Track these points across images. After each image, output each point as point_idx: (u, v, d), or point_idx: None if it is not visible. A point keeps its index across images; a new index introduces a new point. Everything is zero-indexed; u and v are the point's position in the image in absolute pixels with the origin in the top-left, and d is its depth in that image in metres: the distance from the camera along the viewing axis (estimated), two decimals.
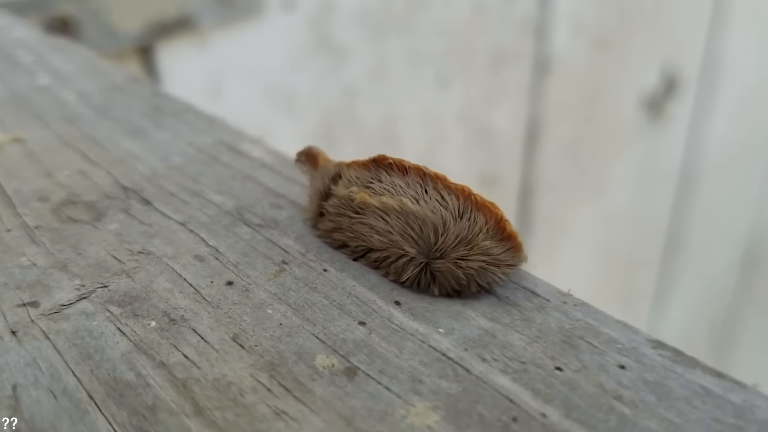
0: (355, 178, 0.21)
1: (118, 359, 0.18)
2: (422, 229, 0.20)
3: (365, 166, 0.21)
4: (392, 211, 0.20)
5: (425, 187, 0.20)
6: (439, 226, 0.20)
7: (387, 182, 0.21)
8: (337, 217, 0.22)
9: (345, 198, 0.21)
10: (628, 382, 0.17)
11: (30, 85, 0.34)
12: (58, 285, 0.20)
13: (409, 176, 0.20)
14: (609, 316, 0.19)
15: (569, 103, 1.08)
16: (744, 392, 0.17)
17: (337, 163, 0.22)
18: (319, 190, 0.22)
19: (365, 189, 0.21)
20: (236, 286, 0.20)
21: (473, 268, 0.19)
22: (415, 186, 0.20)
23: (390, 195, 0.20)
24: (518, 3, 0.96)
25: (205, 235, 0.23)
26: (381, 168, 0.21)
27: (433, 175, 0.20)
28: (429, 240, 0.20)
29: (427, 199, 0.20)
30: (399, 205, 0.20)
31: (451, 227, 0.20)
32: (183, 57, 0.68)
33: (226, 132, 0.29)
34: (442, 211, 0.20)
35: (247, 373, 0.17)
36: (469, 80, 0.95)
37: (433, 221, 0.20)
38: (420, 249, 0.20)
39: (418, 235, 0.20)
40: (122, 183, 0.26)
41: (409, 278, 0.20)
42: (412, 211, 0.20)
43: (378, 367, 0.17)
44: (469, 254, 0.19)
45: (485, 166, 1.03)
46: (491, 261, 0.20)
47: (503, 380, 0.17)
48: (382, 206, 0.20)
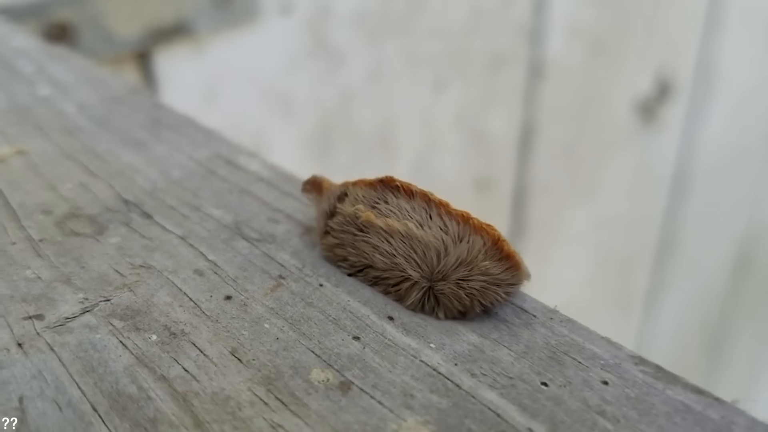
0: (361, 196, 0.22)
1: (120, 372, 0.18)
2: (425, 254, 0.20)
3: (372, 185, 0.22)
4: (397, 234, 0.21)
5: (430, 212, 0.21)
6: (441, 250, 0.20)
7: (393, 204, 0.21)
8: (341, 234, 0.22)
9: (350, 215, 0.22)
10: (610, 398, 0.17)
11: (31, 95, 0.35)
12: (62, 298, 0.21)
13: (415, 200, 0.21)
14: (594, 332, 0.20)
15: (564, 107, 1.09)
16: (723, 409, 0.17)
17: (343, 183, 0.23)
18: (325, 210, 0.23)
19: (371, 208, 0.22)
20: (235, 300, 0.21)
21: (475, 288, 0.20)
22: (420, 211, 0.21)
23: (396, 217, 0.21)
24: (514, 7, 0.96)
25: (204, 249, 0.23)
26: (388, 189, 0.22)
27: (437, 202, 0.21)
28: (432, 263, 0.20)
29: (431, 225, 0.21)
30: (404, 229, 0.21)
31: (451, 251, 0.20)
32: (181, 62, 0.68)
33: (223, 145, 0.30)
34: (443, 237, 0.20)
35: (245, 386, 0.18)
36: (465, 83, 0.96)
37: (436, 246, 0.20)
38: (423, 273, 0.21)
39: (422, 259, 0.21)
40: (123, 196, 0.26)
41: (413, 302, 0.21)
42: (417, 236, 0.20)
43: (371, 382, 0.18)
44: (470, 275, 0.20)
45: (480, 168, 1.03)
46: (492, 281, 0.20)
47: (491, 395, 0.18)
48: (388, 228, 0.21)
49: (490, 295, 0.20)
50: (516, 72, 1.01)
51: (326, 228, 0.23)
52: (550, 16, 1.00)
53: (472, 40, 0.93)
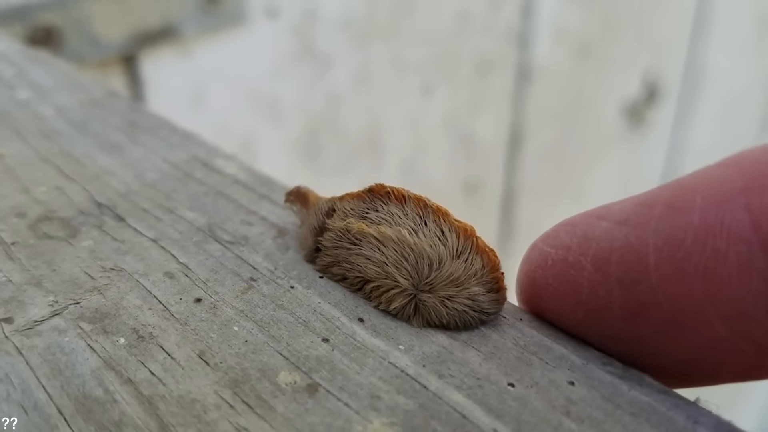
0: (350, 210, 0.21)
1: (87, 375, 0.18)
2: (417, 263, 0.20)
3: (360, 197, 0.21)
4: (389, 242, 0.20)
5: (425, 219, 0.20)
6: (435, 261, 0.20)
7: (384, 212, 0.21)
8: (335, 251, 0.22)
9: (342, 230, 0.21)
10: (576, 398, 0.18)
11: (10, 99, 0.35)
12: (32, 301, 0.21)
13: (408, 206, 0.20)
14: (561, 332, 0.20)
15: (552, 111, 1.09)
16: (688, 409, 0.17)
17: (329, 198, 0.22)
18: (314, 226, 0.22)
19: (362, 220, 0.21)
20: (204, 303, 0.21)
21: (457, 309, 0.20)
22: (414, 216, 0.20)
23: (388, 224, 0.20)
24: (502, 12, 0.97)
25: (176, 252, 0.23)
26: (377, 197, 0.21)
27: (435, 208, 0.20)
28: (423, 273, 0.20)
29: (426, 232, 0.20)
30: (397, 235, 0.20)
31: (446, 265, 0.20)
32: (167, 65, 0.68)
33: (200, 148, 0.30)
34: (440, 248, 0.20)
35: (211, 389, 0.18)
36: (452, 87, 0.96)
37: (430, 256, 0.20)
38: (412, 281, 0.20)
39: (413, 268, 0.20)
40: (97, 199, 0.26)
41: (397, 308, 0.20)
42: (410, 243, 0.20)
43: (339, 384, 0.18)
44: (456, 295, 0.20)
45: (468, 172, 1.04)
46: (475, 307, 0.20)
47: (457, 396, 0.18)
48: (380, 236, 0.20)
49: (468, 320, 0.20)
50: (504, 75, 1.02)
51: (317, 245, 0.22)
52: (537, 20, 1.01)
53: (459, 44, 0.94)
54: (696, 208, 0.16)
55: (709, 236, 0.15)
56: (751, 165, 0.16)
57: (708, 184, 0.16)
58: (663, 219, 0.16)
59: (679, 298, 0.16)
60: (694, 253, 0.15)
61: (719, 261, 0.15)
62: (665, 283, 0.16)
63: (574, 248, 0.18)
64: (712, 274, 0.15)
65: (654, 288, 0.16)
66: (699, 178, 0.16)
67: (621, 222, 0.17)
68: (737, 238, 0.15)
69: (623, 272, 0.17)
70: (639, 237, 0.16)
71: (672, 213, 0.16)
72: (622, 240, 0.17)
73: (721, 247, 0.15)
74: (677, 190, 0.16)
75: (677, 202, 0.16)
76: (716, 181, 0.16)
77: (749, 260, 0.15)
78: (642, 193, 0.17)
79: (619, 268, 0.17)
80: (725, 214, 0.15)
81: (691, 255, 0.16)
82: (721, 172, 0.16)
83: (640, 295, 0.17)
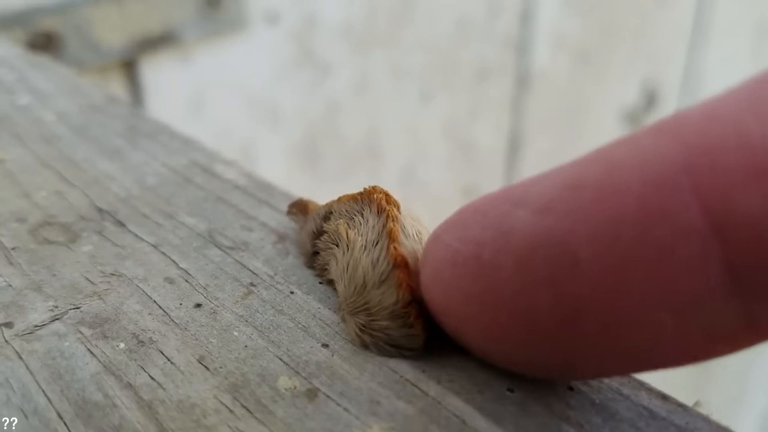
0: (344, 211, 0.21)
1: (87, 380, 0.18)
2: (351, 280, 0.19)
3: (354, 198, 0.21)
4: (351, 248, 0.20)
5: (380, 237, 0.19)
6: (359, 285, 0.19)
7: (365, 217, 0.20)
8: (325, 252, 0.22)
9: (333, 232, 0.21)
10: (575, 404, 0.18)
11: (10, 104, 0.35)
12: (32, 306, 0.21)
13: (380, 219, 0.20)
14: None
15: (550, 117, 1.09)
16: (687, 415, 0.17)
17: (327, 203, 0.22)
18: (312, 230, 0.22)
19: (350, 221, 0.21)
20: (204, 308, 0.21)
21: (372, 338, 0.19)
22: (378, 231, 0.20)
23: (357, 232, 0.20)
24: (501, 19, 0.97)
25: (176, 257, 0.23)
26: (366, 201, 0.21)
27: (389, 231, 0.19)
28: (349, 290, 0.19)
29: (372, 252, 0.19)
30: (352, 245, 0.20)
31: (367, 291, 0.19)
32: (167, 71, 0.68)
33: (200, 153, 0.30)
34: (370, 272, 0.19)
35: (210, 394, 0.18)
36: (451, 94, 0.96)
37: (357, 279, 0.19)
38: (344, 293, 0.20)
39: (349, 282, 0.20)
40: (97, 204, 0.26)
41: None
42: (355, 257, 0.19)
43: (338, 389, 0.18)
44: (369, 325, 0.19)
45: (467, 178, 1.04)
46: (389, 341, 0.19)
47: (457, 402, 0.18)
48: (349, 241, 0.20)
49: (387, 351, 0.19)
50: (503, 82, 1.02)
51: (314, 249, 0.22)
52: (536, 28, 1.01)
53: (458, 51, 0.94)
54: (631, 191, 0.13)
55: (650, 226, 0.13)
56: (696, 135, 0.13)
57: (643, 161, 0.13)
58: (592, 206, 0.13)
59: (618, 296, 0.14)
60: (633, 248, 0.13)
61: (664, 255, 0.13)
62: (601, 281, 0.14)
63: (488, 244, 0.15)
64: (656, 270, 0.13)
65: (588, 287, 0.14)
66: (631, 153, 0.14)
67: (542, 211, 0.14)
68: (685, 228, 0.13)
69: (550, 271, 0.14)
70: (565, 229, 0.14)
71: (602, 198, 0.13)
72: (546, 234, 0.14)
73: (665, 239, 0.13)
74: (607, 169, 0.14)
75: (607, 185, 0.13)
76: (653, 157, 0.13)
77: (702, 252, 0.13)
78: (565, 167, 0.15)
79: (545, 267, 0.14)
80: (667, 199, 0.13)
81: (630, 249, 0.13)
82: (658, 144, 0.13)
83: (571, 297, 0.14)
